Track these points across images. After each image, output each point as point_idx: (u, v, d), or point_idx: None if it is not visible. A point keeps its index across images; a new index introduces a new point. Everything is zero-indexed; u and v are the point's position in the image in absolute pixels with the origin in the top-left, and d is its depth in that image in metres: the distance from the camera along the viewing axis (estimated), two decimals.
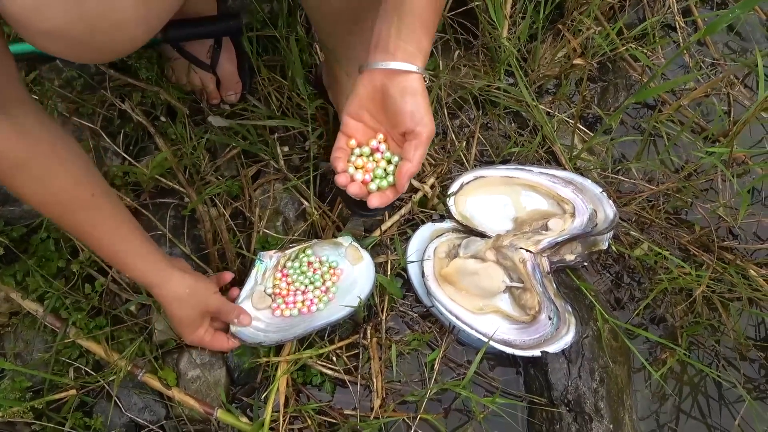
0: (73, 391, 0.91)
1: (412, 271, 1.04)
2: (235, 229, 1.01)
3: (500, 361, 1.05)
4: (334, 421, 0.97)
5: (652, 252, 1.06)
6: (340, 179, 0.73)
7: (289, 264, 0.97)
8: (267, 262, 0.96)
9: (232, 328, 0.91)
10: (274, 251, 0.97)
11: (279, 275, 0.96)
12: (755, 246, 1.11)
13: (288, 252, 0.97)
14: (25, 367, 0.90)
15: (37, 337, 0.95)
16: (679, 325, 1.08)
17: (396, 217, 1.07)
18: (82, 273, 0.96)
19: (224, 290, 0.95)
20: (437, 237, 1.05)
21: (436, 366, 1.00)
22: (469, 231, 1.06)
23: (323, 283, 0.97)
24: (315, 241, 0.99)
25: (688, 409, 1.06)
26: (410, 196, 1.08)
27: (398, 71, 0.67)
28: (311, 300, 0.96)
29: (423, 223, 1.08)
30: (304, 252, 0.98)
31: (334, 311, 0.94)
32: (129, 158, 1.01)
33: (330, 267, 0.98)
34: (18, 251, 0.95)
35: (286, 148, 1.10)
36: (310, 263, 0.98)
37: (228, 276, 0.95)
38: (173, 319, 0.85)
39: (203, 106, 1.08)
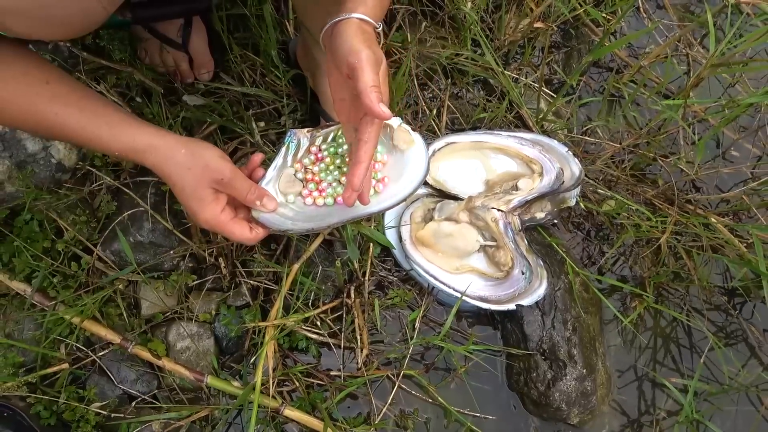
0: (65, 365, 0.93)
1: (391, 236, 1.07)
2: None
3: (478, 319, 1.09)
4: (321, 382, 1.01)
5: (618, 205, 1.11)
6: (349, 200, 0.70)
7: (324, 146, 0.81)
8: (298, 140, 0.81)
9: (254, 213, 0.75)
10: (307, 130, 0.82)
11: (312, 157, 0.81)
12: (715, 196, 1.17)
13: (324, 131, 0.81)
14: (17, 342, 0.92)
15: (26, 317, 0.97)
16: (647, 276, 1.13)
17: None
18: (68, 252, 0.98)
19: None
20: (413, 203, 1.09)
21: (417, 325, 1.04)
22: (442, 195, 1.10)
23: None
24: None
25: (660, 357, 1.12)
26: None
27: (334, 26, 0.67)
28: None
29: None
30: (338, 136, 0.82)
31: (378, 200, 0.77)
32: None
33: (378, 153, 0.79)
34: (3, 233, 0.96)
35: (262, 124, 1.13)
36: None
37: (258, 158, 0.79)
38: (176, 189, 0.71)
39: (177, 85, 1.10)
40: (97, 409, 0.92)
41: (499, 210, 1.05)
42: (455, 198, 1.09)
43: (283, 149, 0.81)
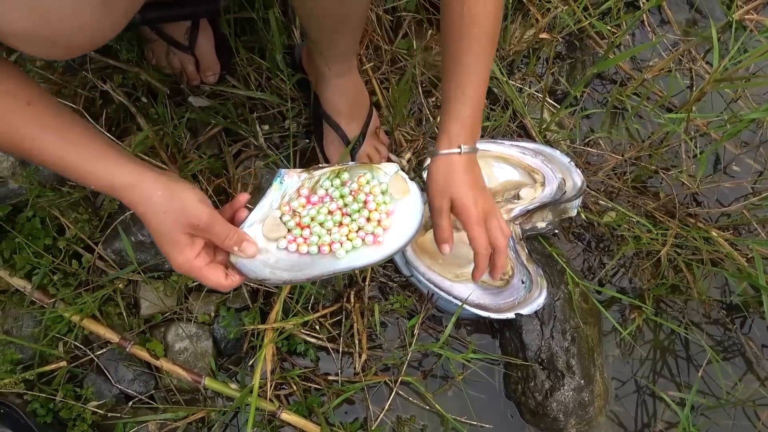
0: (63, 363, 0.93)
1: None
2: (218, 204, 1.04)
3: (477, 327, 1.09)
4: (318, 386, 1.01)
5: (618, 217, 1.11)
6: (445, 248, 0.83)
7: (327, 184, 0.77)
8: (289, 182, 0.76)
9: (232, 258, 0.71)
10: (299, 170, 0.77)
11: (303, 200, 0.76)
12: (716, 210, 1.17)
13: (317, 173, 0.77)
14: (16, 339, 0.92)
15: (25, 314, 0.97)
16: (647, 288, 1.13)
17: None
18: (69, 250, 0.99)
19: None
20: None
21: (416, 332, 1.04)
22: None
23: (368, 221, 0.75)
24: (351, 163, 0.79)
25: (658, 370, 1.12)
26: None
27: (440, 156, 0.81)
28: (338, 239, 0.74)
29: None
30: (337, 175, 0.77)
31: (363, 254, 0.74)
32: (112, 137, 1.03)
33: (383, 203, 0.76)
34: (4, 230, 0.97)
35: (266, 127, 1.13)
36: (356, 191, 0.75)
37: (243, 198, 0.76)
38: (151, 230, 0.69)
39: (183, 87, 1.11)
40: (94, 408, 0.92)
41: None
42: None
43: (271, 189, 0.76)
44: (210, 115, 1.08)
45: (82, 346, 0.96)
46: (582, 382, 1.00)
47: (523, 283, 1.02)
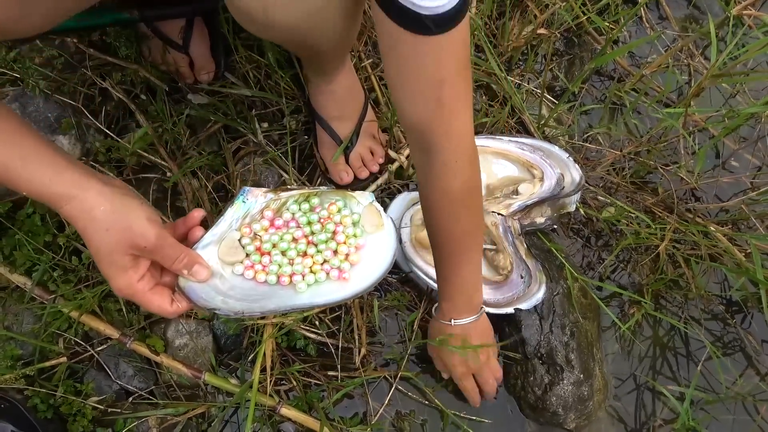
0: (63, 359, 0.93)
1: None
2: (217, 200, 1.05)
3: None
4: (318, 382, 1.01)
5: (617, 212, 1.11)
6: None
7: (294, 208, 0.71)
8: (252, 201, 0.70)
9: (181, 281, 0.65)
10: (264, 190, 0.71)
11: (266, 223, 0.70)
12: (714, 205, 1.17)
13: (284, 195, 0.71)
14: (16, 335, 0.92)
15: (25, 310, 0.97)
16: (646, 283, 1.14)
17: (373, 187, 1.11)
18: (68, 247, 0.99)
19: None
20: (413, 205, 1.10)
21: (416, 327, 1.04)
22: None
23: (335, 253, 0.69)
24: (323, 188, 0.73)
25: (657, 365, 1.12)
26: (387, 166, 1.12)
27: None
28: (300, 270, 0.68)
29: (399, 192, 1.12)
30: (306, 199, 0.71)
31: (326, 291, 0.68)
32: (111, 134, 1.03)
33: (353, 235, 0.69)
34: (4, 226, 0.97)
35: (265, 125, 1.13)
36: (326, 219, 0.69)
37: (198, 214, 0.69)
38: (90, 248, 0.60)
39: (181, 84, 1.11)
40: (94, 403, 0.92)
41: (499, 214, 1.05)
42: None
43: (231, 208, 0.69)
44: (209, 112, 1.09)
45: (82, 342, 0.97)
46: (581, 376, 1.01)
47: (522, 278, 1.02)
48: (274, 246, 0.68)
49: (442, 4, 0.61)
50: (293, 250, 0.68)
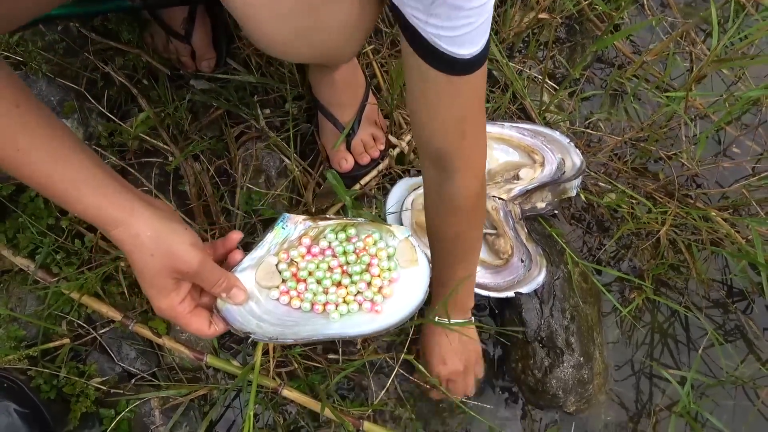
0: (66, 340, 0.94)
1: (391, 222, 1.08)
2: (219, 183, 1.05)
3: (477, 307, 1.10)
4: (319, 365, 1.01)
5: (618, 197, 1.12)
6: None
7: (331, 237, 0.72)
8: (291, 228, 0.71)
9: (219, 303, 0.67)
10: (303, 217, 0.72)
11: (303, 250, 0.71)
12: (715, 190, 1.17)
13: (322, 224, 0.72)
14: (19, 315, 0.93)
15: (29, 293, 0.98)
16: (646, 268, 1.14)
17: (374, 173, 1.12)
18: (71, 230, 0.99)
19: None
20: (414, 190, 1.10)
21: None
22: None
23: (368, 285, 0.69)
24: (360, 220, 0.74)
25: (658, 350, 1.12)
26: (388, 152, 1.12)
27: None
28: (334, 300, 0.69)
29: (401, 177, 1.12)
30: (343, 229, 0.72)
31: (357, 322, 0.68)
32: (114, 118, 1.04)
33: (387, 269, 0.70)
34: (7, 210, 0.97)
35: (267, 111, 1.14)
36: (361, 250, 0.71)
37: (236, 236, 0.71)
38: (135, 270, 0.63)
39: (183, 72, 1.12)
40: (97, 384, 0.93)
41: (499, 198, 1.06)
42: None
43: (271, 234, 0.71)
44: (211, 98, 1.09)
45: (85, 325, 0.97)
46: (581, 359, 1.01)
47: (522, 262, 1.02)
48: (310, 273, 0.70)
49: (474, 51, 0.64)
50: (328, 279, 0.69)
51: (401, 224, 1.06)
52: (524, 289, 1.00)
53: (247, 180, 1.06)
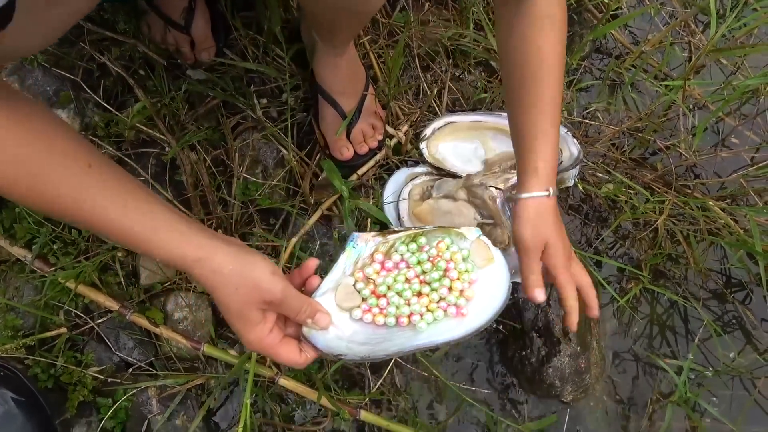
0: (63, 330, 0.94)
1: (389, 213, 1.08)
2: (216, 174, 1.05)
3: None
4: None
5: (616, 187, 1.11)
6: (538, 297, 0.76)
7: (402, 249, 0.72)
8: (362, 246, 0.71)
9: (305, 331, 0.66)
10: (372, 234, 0.72)
11: (377, 266, 0.71)
12: (713, 180, 1.17)
13: (392, 237, 0.72)
14: (17, 305, 0.93)
15: (26, 283, 0.98)
16: (644, 258, 1.14)
17: (371, 163, 1.12)
18: None
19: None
20: (411, 180, 1.10)
21: None
22: (441, 173, 1.11)
23: (449, 290, 0.70)
24: (428, 227, 0.74)
25: (655, 341, 1.12)
26: (385, 141, 1.12)
27: (516, 202, 0.77)
28: (418, 310, 0.69)
29: (398, 167, 1.12)
30: (414, 239, 0.72)
31: (445, 328, 0.68)
32: (110, 108, 1.04)
33: (465, 271, 0.70)
34: (4, 200, 0.98)
35: (264, 101, 1.14)
36: (435, 257, 0.70)
37: (312, 264, 0.70)
38: (220, 306, 0.64)
39: (180, 61, 1.11)
40: (95, 373, 0.93)
41: (497, 188, 1.05)
42: (454, 176, 1.09)
43: (344, 255, 0.71)
44: (208, 87, 1.09)
45: (82, 315, 0.97)
46: (578, 348, 1.01)
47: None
48: (389, 288, 0.70)
49: None
50: (408, 291, 0.69)
51: (398, 214, 1.07)
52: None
53: (244, 170, 1.06)
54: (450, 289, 0.69)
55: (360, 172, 1.11)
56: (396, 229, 0.73)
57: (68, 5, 0.61)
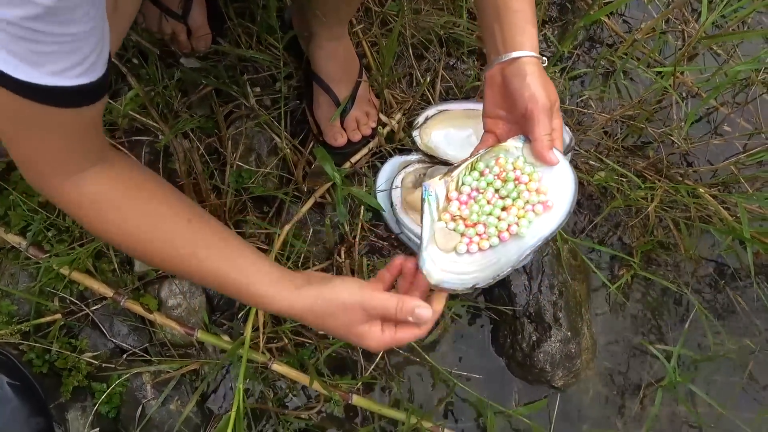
0: (58, 316, 0.95)
1: (381, 201, 1.09)
2: (209, 161, 1.06)
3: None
4: (310, 341, 1.02)
5: (608, 175, 1.12)
6: None
7: (469, 180, 0.75)
8: (436, 192, 0.75)
9: (434, 282, 0.69)
10: (438, 178, 0.75)
11: (457, 204, 0.74)
12: (705, 168, 1.18)
13: (456, 173, 0.75)
14: (11, 290, 0.94)
15: (21, 271, 0.99)
16: (636, 246, 1.14)
17: (364, 151, 1.12)
18: None
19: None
20: (403, 168, 1.10)
21: None
22: (434, 161, 1.11)
23: (519, 195, 0.72)
24: (481, 152, 0.76)
25: (646, 327, 1.13)
26: (378, 129, 1.13)
27: (509, 61, 0.71)
28: (512, 221, 0.72)
29: (391, 155, 1.13)
30: (474, 169, 0.76)
31: (542, 224, 0.71)
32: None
33: (534, 172, 0.73)
34: None
35: (257, 89, 1.14)
36: (500, 173, 0.73)
37: (397, 261, 0.70)
38: (339, 331, 0.68)
39: (174, 49, 1.12)
40: (89, 358, 0.94)
41: None
42: (446, 164, 1.10)
43: (425, 206, 0.73)
44: (201, 76, 1.09)
45: (77, 302, 0.98)
46: (569, 334, 1.02)
47: None
48: (477, 215, 0.73)
49: None
50: (495, 209, 0.72)
51: (391, 203, 1.07)
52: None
53: (237, 158, 1.07)
54: (528, 191, 0.72)
55: (353, 159, 1.11)
56: (454, 165, 0.76)
57: (124, 10, 0.65)
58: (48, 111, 0.54)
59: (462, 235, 0.72)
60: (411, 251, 1.09)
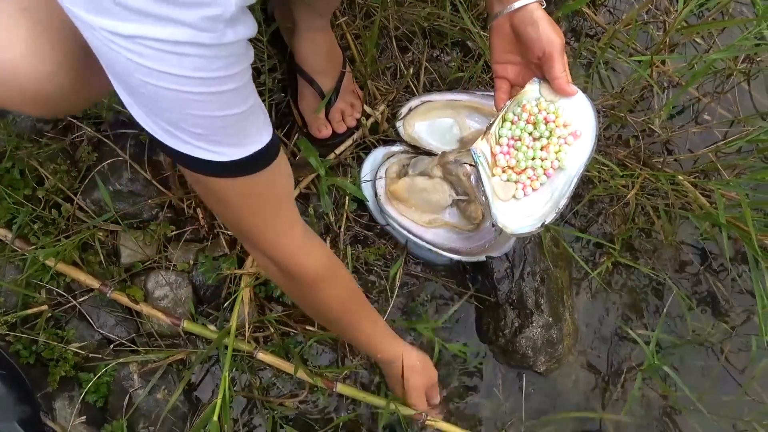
0: (45, 307, 0.96)
1: (366, 191, 1.10)
2: None
3: (451, 273, 1.12)
4: (295, 331, 1.04)
5: (590, 163, 1.13)
6: None
7: (504, 132, 0.82)
8: (483, 151, 0.82)
9: (507, 230, 0.81)
10: (480, 140, 0.82)
11: (502, 156, 0.82)
12: (685, 156, 1.19)
13: (493, 129, 0.82)
14: None
15: (7, 263, 0.99)
16: (617, 233, 1.16)
17: (349, 142, 1.13)
18: (48, 200, 1.01)
19: None
20: (388, 158, 1.12)
21: (398, 281, 1.07)
22: (417, 151, 1.12)
23: (551, 133, 0.81)
24: (507, 103, 0.83)
25: (628, 314, 1.15)
26: (362, 120, 1.14)
27: (516, 10, 0.77)
28: (553, 157, 0.81)
29: (375, 146, 1.14)
30: (505, 121, 0.83)
31: (580, 149, 0.80)
32: None
33: (556, 108, 0.80)
34: None
35: None
36: (529, 117, 0.81)
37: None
38: (408, 389, 0.93)
39: None
40: (76, 349, 0.95)
41: (471, 165, 1.07)
42: (429, 154, 1.11)
43: (480, 168, 0.81)
44: None
45: (64, 293, 0.99)
46: (550, 320, 1.03)
47: (493, 226, 1.04)
48: (523, 161, 0.82)
49: None
50: (535, 151, 0.81)
51: (375, 193, 1.08)
52: (495, 253, 1.02)
53: None
54: (557, 126, 0.80)
55: (337, 150, 1.12)
56: (489, 122, 0.83)
57: None
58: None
59: (515, 182, 0.82)
60: (395, 241, 1.10)
